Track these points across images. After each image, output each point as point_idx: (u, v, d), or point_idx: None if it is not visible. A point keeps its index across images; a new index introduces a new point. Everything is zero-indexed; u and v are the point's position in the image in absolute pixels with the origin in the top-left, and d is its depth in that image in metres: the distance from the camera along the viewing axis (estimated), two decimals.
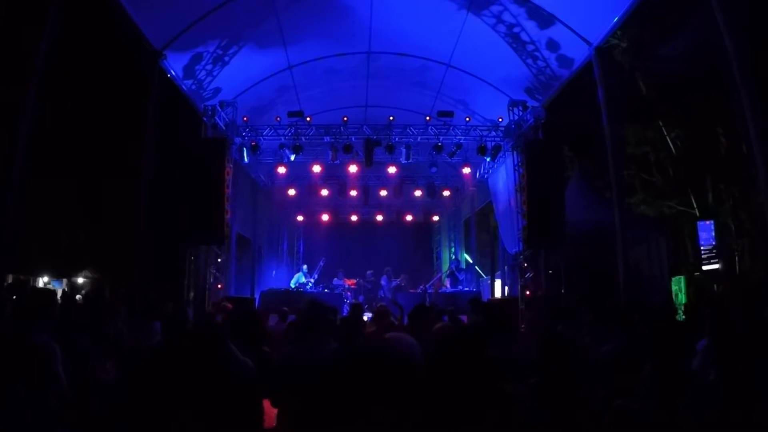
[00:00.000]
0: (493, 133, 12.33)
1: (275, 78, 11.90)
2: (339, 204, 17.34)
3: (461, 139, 12.35)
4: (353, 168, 13.50)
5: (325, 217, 18.14)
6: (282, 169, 12.99)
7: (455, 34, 10.50)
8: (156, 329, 4.81)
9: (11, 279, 9.25)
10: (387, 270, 15.92)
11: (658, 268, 12.39)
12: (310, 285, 14.71)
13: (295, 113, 11.96)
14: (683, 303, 11.13)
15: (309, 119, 12.24)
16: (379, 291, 15.64)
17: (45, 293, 4.33)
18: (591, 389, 2.70)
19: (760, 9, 8.11)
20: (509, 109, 11.77)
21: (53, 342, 3.07)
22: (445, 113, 12.00)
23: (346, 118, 12.06)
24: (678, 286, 12.08)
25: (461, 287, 14.85)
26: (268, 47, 10.76)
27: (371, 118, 13.10)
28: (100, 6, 8.07)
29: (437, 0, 9.74)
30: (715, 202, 12.89)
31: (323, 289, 14.61)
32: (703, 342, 3.76)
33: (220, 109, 11.48)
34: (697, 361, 3.62)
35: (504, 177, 13.05)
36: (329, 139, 12.41)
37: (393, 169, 13.78)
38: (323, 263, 15.67)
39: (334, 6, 9.91)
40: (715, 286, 11.13)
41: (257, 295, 13.50)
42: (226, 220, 11.07)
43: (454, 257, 17.29)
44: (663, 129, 13.39)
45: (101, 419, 2.93)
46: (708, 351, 3.57)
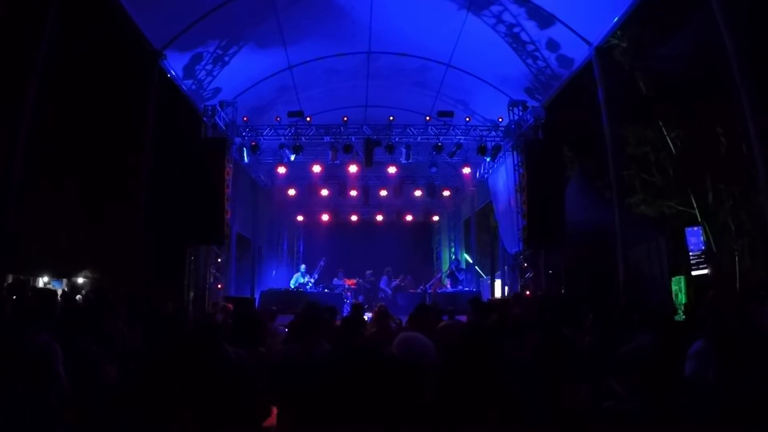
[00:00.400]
0: (493, 133, 12.33)
1: (275, 78, 11.90)
2: (339, 204, 17.34)
3: (461, 139, 12.35)
4: (353, 168, 13.50)
5: (325, 217, 18.14)
6: (282, 169, 13.00)
7: (455, 34, 10.50)
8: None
9: (11, 279, 9.24)
10: (387, 270, 15.92)
11: (658, 268, 12.37)
12: (310, 285, 14.70)
13: (295, 113, 11.97)
14: (683, 303, 11.14)
15: (309, 119, 12.24)
16: (379, 292, 15.64)
17: (45, 293, 4.33)
18: (592, 389, 2.69)
19: (760, 9, 8.10)
20: (509, 109, 11.78)
21: (54, 341, 3.05)
22: (445, 113, 12.00)
23: (346, 118, 12.07)
24: (678, 286, 12.09)
25: (461, 287, 14.84)
26: (268, 47, 10.76)
27: (371, 118, 13.11)
28: (100, 6, 8.07)
29: (437, 0, 9.74)
30: (715, 202, 12.88)
31: (323, 289, 14.60)
32: (698, 344, 3.67)
33: (220, 109, 11.48)
34: (692, 363, 3.55)
35: (504, 177, 13.05)
36: (329, 139, 12.41)
37: (393, 169, 13.79)
38: (323, 263, 15.66)
39: (334, 6, 9.91)
40: (709, 290, 11.14)
41: (257, 295, 13.49)
42: (226, 220, 11.08)
43: (454, 257, 17.28)
44: (663, 129, 13.38)
45: (102, 419, 2.92)
46: (704, 353, 3.54)
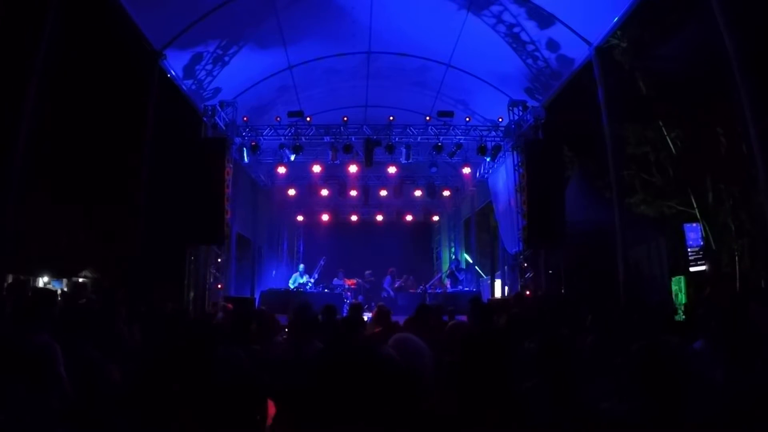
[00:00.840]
0: (493, 133, 12.33)
1: (275, 78, 11.89)
2: (339, 204, 17.35)
3: (461, 139, 12.35)
4: (353, 168, 13.51)
5: (325, 217, 18.14)
6: (282, 169, 13.00)
7: (455, 34, 10.50)
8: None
9: (11, 279, 9.24)
10: (391, 271, 15.93)
11: (658, 268, 12.37)
12: (310, 285, 14.71)
13: (295, 113, 11.97)
14: (683, 303, 11.13)
15: (309, 119, 12.24)
16: (382, 292, 15.64)
17: (45, 293, 4.32)
18: (592, 389, 2.69)
19: (760, 9, 8.10)
20: (509, 109, 11.77)
21: (54, 342, 3.03)
22: (445, 113, 12.00)
23: (346, 118, 12.07)
24: (678, 286, 12.07)
25: (461, 287, 14.85)
26: (268, 47, 10.76)
27: (371, 118, 13.11)
28: (100, 6, 8.06)
29: (437, 0, 9.74)
30: (715, 202, 12.88)
31: (323, 289, 14.61)
32: (699, 343, 3.66)
33: (220, 109, 11.48)
34: (693, 363, 3.55)
35: (504, 177, 13.05)
36: (329, 139, 12.41)
37: (393, 169, 13.79)
38: (323, 262, 15.67)
39: (334, 6, 9.90)
40: (706, 287, 11.14)
41: (257, 295, 13.50)
42: (226, 220, 11.08)
43: (454, 257, 17.29)
44: (663, 129, 13.38)
45: (103, 420, 2.92)
46: (706, 352, 3.53)
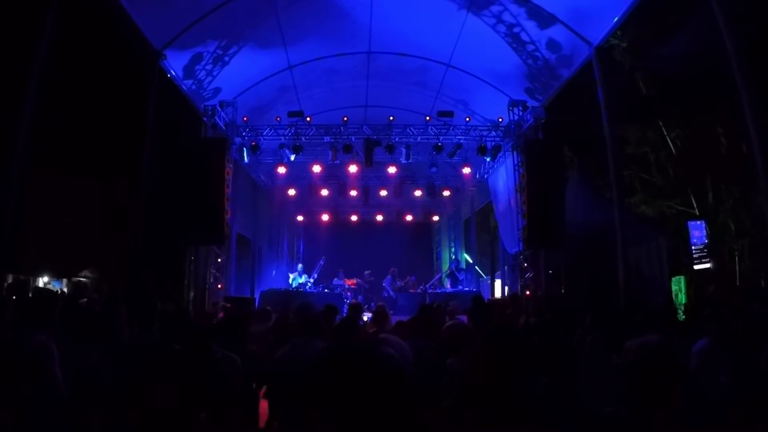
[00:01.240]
0: (493, 133, 12.33)
1: (275, 78, 11.90)
2: (339, 204, 17.35)
3: (461, 139, 12.35)
4: (353, 168, 13.51)
5: (325, 217, 18.15)
6: (282, 169, 13.00)
7: (455, 34, 10.50)
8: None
9: (11, 279, 9.24)
10: (392, 271, 15.94)
11: (658, 268, 12.35)
12: (309, 285, 14.72)
13: (295, 113, 11.97)
14: (683, 303, 11.12)
15: (309, 119, 12.25)
16: (382, 292, 15.65)
17: (45, 293, 4.32)
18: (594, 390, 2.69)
19: (760, 9, 8.09)
20: (509, 109, 11.77)
21: (50, 342, 3.00)
22: (445, 113, 12.00)
23: (346, 118, 12.07)
24: (678, 286, 12.06)
25: (461, 287, 14.85)
26: (268, 47, 10.76)
27: (371, 118, 13.11)
28: (100, 6, 8.05)
29: (437, 0, 9.74)
30: (715, 202, 12.85)
31: (323, 289, 14.62)
32: (701, 343, 3.66)
33: (220, 109, 11.48)
34: (696, 362, 3.55)
35: (504, 177, 13.05)
36: (329, 139, 12.41)
37: (393, 169, 13.80)
38: (323, 262, 15.67)
39: (334, 6, 9.91)
40: (710, 285, 11.10)
41: (257, 295, 13.50)
42: (226, 220, 11.08)
43: (454, 257, 17.29)
44: (663, 129, 13.36)
45: (100, 420, 2.91)
46: (711, 352, 3.52)
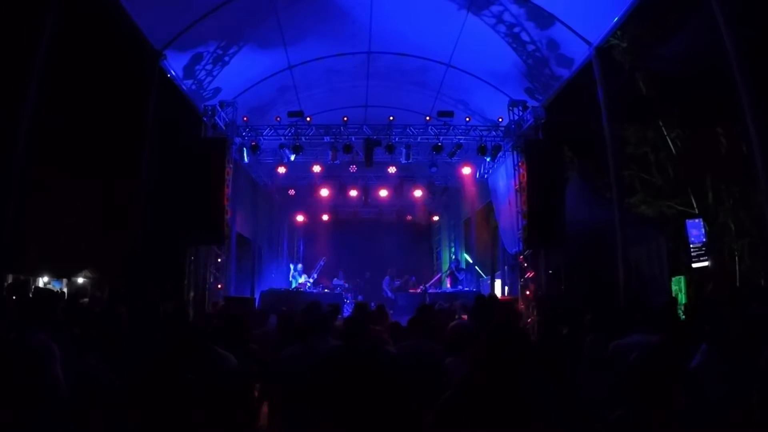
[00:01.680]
0: (493, 133, 12.33)
1: (275, 78, 11.90)
2: (339, 204, 17.35)
3: (461, 139, 12.35)
4: (353, 168, 13.51)
5: (325, 217, 18.14)
6: (282, 169, 13.00)
7: (455, 34, 10.50)
8: None
9: (11, 279, 9.24)
10: (390, 271, 15.95)
11: (658, 268, 12.35)
12: (309, 285, 14.72)
13: (295, 113, 11.98)
14: (683, 303, 11.11)
15: (309, 119, 12.25)
16: (382, 292, 15.67)
17: (46, 293, 4.31)
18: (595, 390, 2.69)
19: (759, 9, 8.09)
20: (509, 109, 11.78)
21: (51, 342, 2.99)
22: (445, 113, 12.01)
23: (346, 118, 12.07)
24: (678, 286, 12.05)
25: (461, 287, 14.85)
26: (268, 47, 10.76)
27: (371, 118, 13.11)
28: (100, 6, 8.05)
29: (437, 0, 9.74)
30: (715, 202, 12.85)
31: (323, 289, 14.62)
32: (704, 347, 3.67)
33: (220, 109, 11.48)
34: (695, 363, 3.54)
35: (504, 177, 13.05)
36: (329, 139, 12.41)
37: (393, 169, 13.79)
38: (323, 263, 15.68)
39: (334, 6, 9.91)
40: (708, 284, 11.08)
41: (257, 295, 13.50)
42: (226, 220, 11.08)
43: (454, 257, 17.29)
44: (663, 129, 13.36)
45: (101, 420, 2.91)
46: (713, 355, 3.50)
